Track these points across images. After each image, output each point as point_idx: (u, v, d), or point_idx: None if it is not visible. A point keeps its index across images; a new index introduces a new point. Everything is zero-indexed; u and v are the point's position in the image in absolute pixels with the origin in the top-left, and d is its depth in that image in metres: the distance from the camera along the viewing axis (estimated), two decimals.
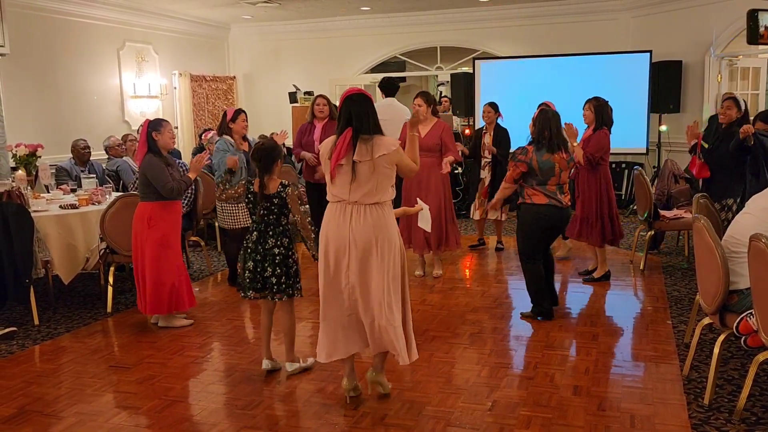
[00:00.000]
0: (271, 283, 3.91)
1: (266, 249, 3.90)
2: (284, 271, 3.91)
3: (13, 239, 4.85)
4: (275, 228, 3.93)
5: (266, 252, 3.90)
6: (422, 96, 5.91)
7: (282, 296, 3.93)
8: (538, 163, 4.73)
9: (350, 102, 3.44)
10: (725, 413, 3.39)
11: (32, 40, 8.19)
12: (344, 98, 3.47)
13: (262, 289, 3.94)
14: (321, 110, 6.52)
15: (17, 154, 6.67)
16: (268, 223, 3.93)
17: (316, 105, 6.55)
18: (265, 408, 3.60)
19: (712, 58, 8.88)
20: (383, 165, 3.37)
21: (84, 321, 5.19)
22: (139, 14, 9.81)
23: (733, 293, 3.46)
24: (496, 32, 10.87)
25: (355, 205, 3.40)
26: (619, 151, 9.55)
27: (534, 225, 4.84)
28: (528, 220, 4.86)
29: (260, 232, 3.94)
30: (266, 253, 3.90)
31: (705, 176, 5.60)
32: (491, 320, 4.97)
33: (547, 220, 4.81)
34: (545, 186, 4.75)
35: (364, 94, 3.48)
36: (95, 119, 9.10)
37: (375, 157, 3.35)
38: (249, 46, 12.13)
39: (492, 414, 3.46)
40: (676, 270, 6.28)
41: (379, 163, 3.36)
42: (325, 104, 6.57)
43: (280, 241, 3.92)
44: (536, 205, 4.78)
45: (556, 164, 4.74)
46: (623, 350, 4.34)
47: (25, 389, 3.92)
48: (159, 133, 4.77)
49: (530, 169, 4.74)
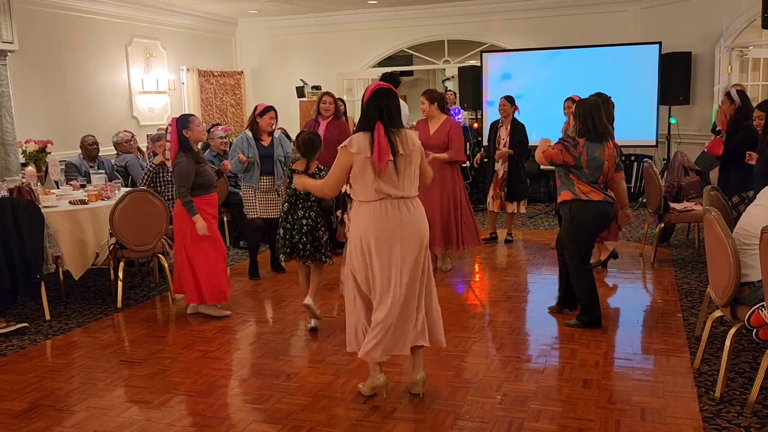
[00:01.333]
0: (299, 248, 4.56)
1: (295, 219, 4.56)
2: (310, 240, 4.55)
3: (24, 235, 4.88)
4: (305, 202, 4.57)
5: (295, 221, 4.56)
6: (425, 95, 5.89)
7: (309, 261, 4.58)
8: (588, 160, 4.42)
9: (380, 96, 3.40)
10: (737, 406, 3.37)
11: (40, 37, 8.22)
12: (373, 92, 3.42)
13: (291, 254, 4.61)
14: (327, 108, 6.59)
15: (27, 150, 6.70)
16: (298, 196, 4.57)
17: (322, 103, 6.59)
18: (275, 402, 3.61)
19: (722, 49, 8.81)
20: (416, 158, 3.44)
21: (95, 316, 5.22)
22: (147, 10, 9.83)
23: (744, 285, 3.44)
24: (504, 25, 10.82)
25: (401, 199, 3.40)
26: (629, 143, 9.51)
27: (594, 223, 4.52)
28: (587, 218, 4.48)
29: (291, 204, 4.60)
30: (295, 222, 4.56)
31: (716, 153, 5.63)
32: (501, 314, 4.96)
33: (604, 217, 4.52)
34: (595, 183, 4.48)
35: (391, 88, 3.48)
36: (104, 115, 9.13)
37: (411, 150, 3.40)
38: (256, 40, 12.13)
39: (502, 407, 3.46)
40: (687, 262, 6.25)
41: (414, 156, 3.42)
42: (332, 102, 6.64)
43: (308, 213, 4.56)
44: (594, 202, 4.44)
45: (605, 162, 4.46)
46: (633, 343, 4.32)
47: (37, 384, 3.95)
48: (189, 129, 4.91)
49: (577, 164, 4.42)
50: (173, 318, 5.18)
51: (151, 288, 5.97)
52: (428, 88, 6.59)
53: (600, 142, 4.47)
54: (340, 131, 6.58)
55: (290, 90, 11.28)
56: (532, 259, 6.60)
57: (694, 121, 9.40)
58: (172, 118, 5.06)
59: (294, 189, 4.49)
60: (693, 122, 9.41)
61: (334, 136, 6.52)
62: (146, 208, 5.37)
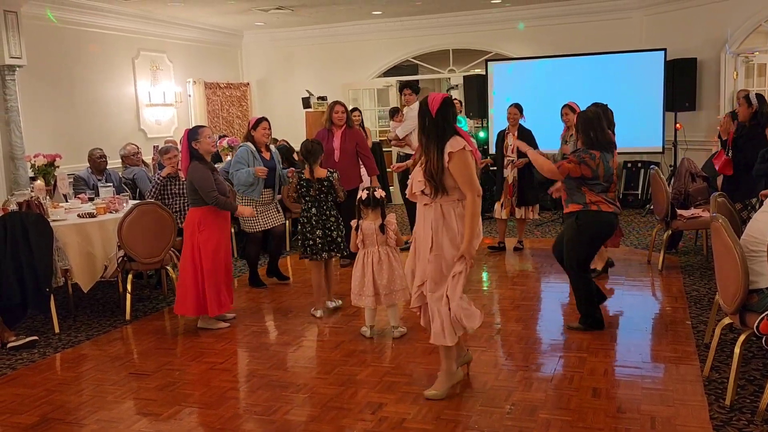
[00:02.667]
0: (337, 243, 5.24)
1: (326, 218, 5.23)
2: (340, 233, 5.26)
3: (33, 249, 4.91)
4: (327, 203, 5.26)
5: (326, 220, 5.22)
6: None
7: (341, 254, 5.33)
8: (605, 170, 4.46)
9: (449, 104, 3.59)
10: (747, 414, 3.35)
11: (48, 52, 8.29)
12: (443, 101, 3.56)
13: (331, 251, 5.23)
14: (340, 117, 6.59)
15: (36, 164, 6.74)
16: (321, 200, 5.23)
17: (335, 113, 6.58)
18: (284, 414, 3.61)
19: (728, 54, 8.80)
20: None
21: (103, 329, 5.24)
22: (153, 23, 9.90)
23: (753, 293, 3.42)
24: (508, 33, 10.85)
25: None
26: (635, 150, 9.51)
27: (600, 233, 4.59)
28: (594, 228, 4.53)
29: (318, 207, 5.23)
30: (326, 221, 5.22)
31: (728, 173, 5.58)
32: (508, 323, 4.95)
33: (610, 227, 4.59)
34: (607, 194, 4.52)
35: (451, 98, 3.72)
36: (111, 128, 9.19)
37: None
38: (262, 52, 12.19)
39: (511, 417, 3.44)
40: (695, 269, 6.23)
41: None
42: (344, 111, 6.64)
43: (333, 211, 5.29)
44: (604, 213, 4.49)
45: (614, 170, 4.53)
46: (642, 351, 4.31)
47: (47, 397, 3.96)
48: (197, 141, 4.95)
49: (595, 176, 4.45)
50: (182, 330, 5.19)
51: (159, 300, 5.99)
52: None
53: (610, 152, 4.52)
54: (357, 141, 6.61)
55: (296, 101, 11.32)
56: (540, 268, 6.59)
57: (700, 127, 9.38)
58: (185, 130, 5.14)
59: (316, 194, 5.20)
60: (699, 128, 9.39)
61: (351, 147, 6.54)
62: (154, 220, 5.39)
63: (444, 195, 3.52)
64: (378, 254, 4.64)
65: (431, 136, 3.54)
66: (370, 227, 4.66)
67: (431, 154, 3.52)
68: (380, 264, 4.62)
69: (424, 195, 3.58)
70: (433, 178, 3.49)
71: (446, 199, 3.54)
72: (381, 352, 4.45)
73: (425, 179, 3.53)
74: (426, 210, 3.61)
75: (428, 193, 3.54)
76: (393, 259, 4.68)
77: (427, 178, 3.52)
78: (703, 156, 8.52)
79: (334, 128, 6.60)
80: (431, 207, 3.57)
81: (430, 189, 3.52)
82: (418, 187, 3.59)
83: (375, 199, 4.68)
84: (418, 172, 3.61)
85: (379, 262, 4.63)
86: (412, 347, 4.51)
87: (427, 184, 3.53)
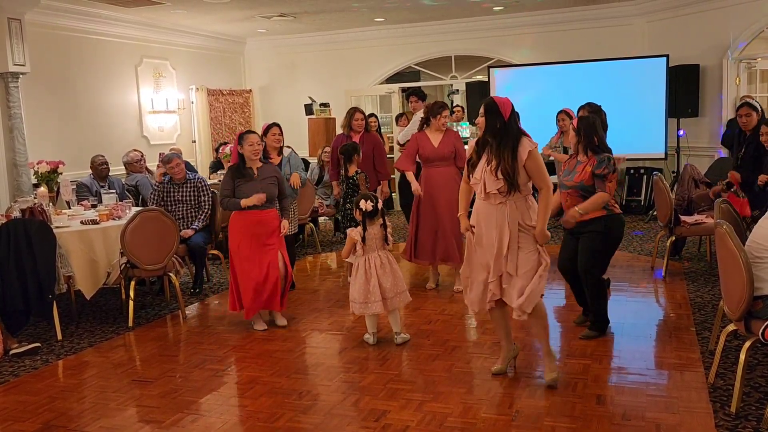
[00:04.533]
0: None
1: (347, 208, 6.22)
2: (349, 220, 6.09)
3: (36, 255, 4.91)
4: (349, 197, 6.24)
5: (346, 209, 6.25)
6: (445, 108, 5.93)
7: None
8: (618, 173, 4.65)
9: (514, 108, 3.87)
10: (753, 421, 3.33)
11: (52, 59, 8.32)
12: (512, 105, 3.84)
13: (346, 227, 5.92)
14: (360, 124, 6.77)
15: (39, 171, 6.76)
16: (348, 193, 6.30)
17: (355, 120, 6.75)
18: (287, 421, 3.60)
19: (730, 61, 8.80)
20: None
21: (106, 335, 5.23)
22: (156, 30, 9.94)
23: (758, 299, 3.41)
24: (510, 40, 10.87)
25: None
26: (638, 156, 9.50)
27: (622, 233, 4.70)
28: (621, 229, 4.64)
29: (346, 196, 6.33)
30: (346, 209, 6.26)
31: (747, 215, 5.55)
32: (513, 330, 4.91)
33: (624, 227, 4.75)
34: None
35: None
36: (114, 135, 9.21)
37: None
38: (264, 59, 12.22)
39: (515, 424, 3.43)
40: (699, 275, 6.21)
41: None
42: (363, 118, 6.82)
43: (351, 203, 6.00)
44: (619, 215, 4.62)
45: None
46: (647, 358, 4.29)
47: (49, 404, 3.95)
48: (241, 146, 5.10)
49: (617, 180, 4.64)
50: (184, 337, 5.18)
51: (162, 307, 5.98)
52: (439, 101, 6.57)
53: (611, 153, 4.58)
54: (374, 145, 6.72)
55: (299, 108, 11.34)
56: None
57: (703, 133, 9.38)
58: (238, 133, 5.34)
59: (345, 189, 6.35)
60: (702, 134, 9.39)
61: (368, 151, 6.67)
62: (157, 227, 5.39)
63: (517, 192, 3.72)
64: (380, 258, 4.67)
65: (505, 138, 3.74)
66: (374, 232, 4.69)
67: (505, 154, 3.71)
68: (383, 267, 4.65)
69: (497, 194, 3.73)
70: (509, 177, 3.67)
71: (518, 196, 3.76)
72: (384, 359, 4.43)
73: (502, 178, 3.68)
74: (498, 208, 3.77)
75: (503, 192, 3.70)
76: (392, 262, 4.73)
77: (505, 178, 3.68)
78: (705, 162, 8.51)
79: (352, 134, 6.75)
80: (505, 204, 3.75)
81: (506, 187, 3.69)
82: (493, 186, 3.72)
83: (377, 210, 4.69)
84: (486, 171, 3.75)
85: (382, 265, 4.65)
86: (416, 354, 4.49)
87: (504, 183, 3.69)
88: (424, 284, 6.23)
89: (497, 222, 3.78)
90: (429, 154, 5.83)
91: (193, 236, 6.17)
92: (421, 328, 5.03)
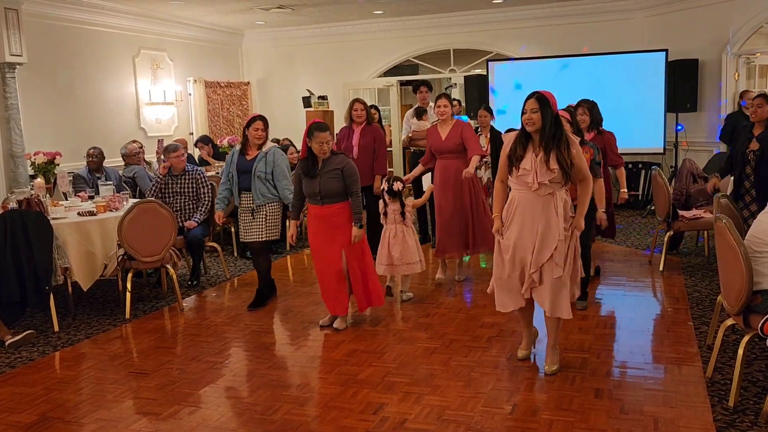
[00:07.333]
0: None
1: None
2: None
3: (33, 247, 4.89)
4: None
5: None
6: (445, 98, 5.90)
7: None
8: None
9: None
10: (751, 416, 3.33)
11: (49, 50, 8.28)
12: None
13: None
14: (359, 115, 6.67)
15: (36, 162, 6.74)
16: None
17: (354, 110, 6.66)
18: (285, 413, 3.59)
19: (729, 56, 8.79)
20: None
21: (103, 327, 5.22)
22: (154, 22, 9.89)
23: (756, 294, 3.41)
24: (510, 34, 10.84)
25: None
26: (636, 151, 9.49)
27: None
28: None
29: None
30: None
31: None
32: (510, 323, 4.93)
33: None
34: None
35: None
36: (112, 126, 9.18)
37: None
38: (262, 51, 12.18)
39: (512, 418, 3.43)
40: (696, 270, 6.21)
41: None
42: (363, 109, 6.71)
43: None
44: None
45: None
46: (644, 352, 4.29)
47: (46, 396, 3.94)
48: (310, 140, 4.68)
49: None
50: (181, 329, 5.17)
51: (159, 299, 5.97)
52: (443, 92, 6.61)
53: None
54: (374, 137, 6.67)
55: (297, 100, 11.31)
56: None
57: (701, 128, 9.37)
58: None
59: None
60: (701, 129, 9.38)
61: (369, 142, 6.63)
62: (154, 219, 5.37)
63: (568, 182, 3.86)
64: (395, 230, 5.38)
65: (559, 131, 3.84)
66: (395, 208, 5.39)
67: (561, 146, 3.80)
68: (396, 238, 5.36)
69: (547, 185, 3.79)
70: (567, 167, 3.79)
71: (563, 187, 3.88)
72: (382, 352, 4.43)
73: (558, 169, 3.76)
74: (547, 199, 3.83)
75: (558, 182, 3.80)
76: (407, 236, 5.37)
77: (561, 168, 3.78)
78: (704, 157, 8.51)
79: (354, 125, 6.71)
80: (553, 195, 3.82)
81: (562, 177, 3.79)
82: (547, 176, 3.77)
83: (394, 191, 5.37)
84: (536, 162, 3.79)
85: (395, 237, 5.36)
86: (414, 347, 4.49)
87: (560, 174, 3.78)
88: (432, 275, 6.20)
89: (544, 213, 3.83)
90: (437, 146, 5.83)
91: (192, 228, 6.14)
92: (419, 321, 5.03)
